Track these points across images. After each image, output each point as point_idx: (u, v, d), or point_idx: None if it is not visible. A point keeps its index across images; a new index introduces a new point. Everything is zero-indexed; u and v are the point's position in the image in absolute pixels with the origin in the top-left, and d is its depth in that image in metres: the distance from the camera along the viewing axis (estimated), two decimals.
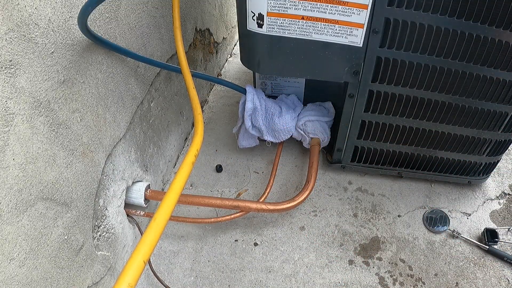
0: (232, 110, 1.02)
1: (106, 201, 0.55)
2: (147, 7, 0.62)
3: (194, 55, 0.93)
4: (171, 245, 0.70)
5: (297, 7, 0.53)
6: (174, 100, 0.81)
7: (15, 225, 0.37)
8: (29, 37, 0.37)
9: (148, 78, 0.66)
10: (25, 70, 0.37)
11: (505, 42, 0.50)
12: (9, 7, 0.34)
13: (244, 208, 0.64)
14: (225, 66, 1.26)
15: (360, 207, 0.75)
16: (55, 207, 0.43)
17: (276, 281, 0.64)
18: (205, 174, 0.84)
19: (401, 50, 0.54)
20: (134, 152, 0.63)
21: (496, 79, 0.55)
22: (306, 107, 0.77)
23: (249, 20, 0.57)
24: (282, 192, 0.79)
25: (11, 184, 0.36)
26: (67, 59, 0.43)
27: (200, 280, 0.65)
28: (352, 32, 0.54)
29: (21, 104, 0.37)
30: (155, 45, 0.67)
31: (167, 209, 0.35)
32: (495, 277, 0.63)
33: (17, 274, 0.38)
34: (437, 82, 0.57)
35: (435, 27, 0.51)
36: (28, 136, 0.38)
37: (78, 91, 0.46)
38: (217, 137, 0.93)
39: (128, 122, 0.60)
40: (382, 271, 0.65)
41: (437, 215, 0.72)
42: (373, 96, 0.62)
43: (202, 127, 0.49)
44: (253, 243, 0.70)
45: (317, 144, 0.75)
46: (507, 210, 0.74)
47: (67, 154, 0.44)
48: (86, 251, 0.50)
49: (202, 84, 1.02)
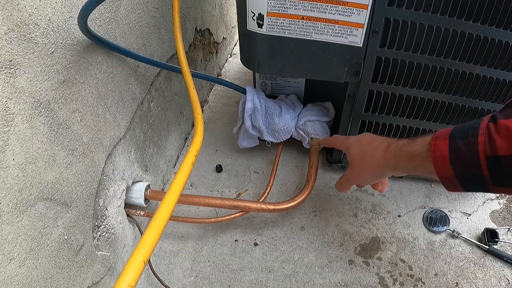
0: (232, 110, 1.02)
1: (106, 201, 0.55)
2: (147, 7, 0.62)
3: (194, 55, 0.93)
4: (171, 245, 0.70)
5: (297, 7, 0.53)
6: (174, 100, 0.81)
7: (15, 225, 0.37)
8: (29, 37, 0.37)
9: (148, 78, 0.66)
10: (25, 70, 0.37)
11: (505, 42, 0.50)
12: (9, 7, 0.34)
13: (244, 208, 0.64)
14: (225, 66, 1.26)
15: (360, 207, 0.75)
16: (55, 207, 0.43)
17: (276, 281, 0.64)
18: (205, 174, 0.84)
19: (401, 50, 0.54)
20: (134, 152, 0.63)
21: (496, 79, 0.55)
22: (306, 107, 0.77)
23: (249, 20, 0.57)
24: (282, 192, 0.79)
25: (11, 184, 0.36)
26: (67, 59, 0.43)
27: (200, 280, 0.65)
28: (352, 32, 0.54)
29: (21, 104, 0.37)
30: (155, 45, 0.67)
31: (167, 209, 0.35)
32: (495, 277, 0.63)
33: (17, 274, 0.38)
34: (437, 82, 0.57)
35: (435, 27, 0.51)
36: (28, 136, 0.38)
37: (78, 91, 0.46)
38: (217, 137, 0.93)
39: (128, 122, 0.60)
40: (382, 271, 0.65)
41: (437, 215, 0.72)
42: (373, 96, 0.62)
43: (202, 127, 0.49)
44: (253, 243, 0.70)
45: (317, 144, 0.75)
46: (507, 210, 0.74)
47: (67, 154, 0.44)
48: (86, 251, 0.50)
49: (202, 84, 1.02)
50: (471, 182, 0.36)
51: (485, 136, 0.33)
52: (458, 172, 0.36)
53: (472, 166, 0.34)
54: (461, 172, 0.35)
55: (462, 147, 0.35)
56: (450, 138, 0.36)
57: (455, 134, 0.36)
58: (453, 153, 0.36)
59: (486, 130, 0.33)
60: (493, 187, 0.34)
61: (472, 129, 0.34)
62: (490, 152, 0.32)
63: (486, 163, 0.33)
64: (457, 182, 0.36)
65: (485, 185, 0.34)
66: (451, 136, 0.36)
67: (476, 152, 0.33)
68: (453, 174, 0.36)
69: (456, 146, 0.35)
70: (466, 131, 0.35)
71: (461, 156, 0.35)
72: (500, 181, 0.33)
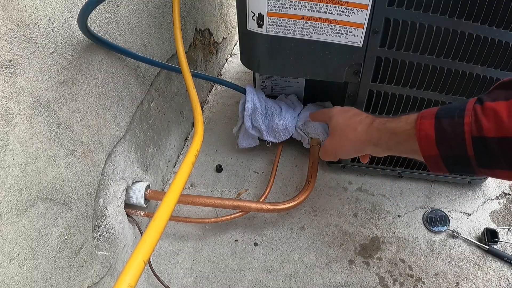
0: (232, 110, 1.02)
1: (106, 201, 0.55)
2: (147, 7, 0.62)
3: (194, 55, 0.93)
4: (171, 245, 0.70)
5: (297, 7, 0.53)
6: (174, 100, 0.81)
7: (15, 225, 0.37)
8: (29, 37, 0.37)
9: (148, 78, 0.66)
10: (25, 70, 0.37)
11: (505, 42, 0.50)
12: (9, 7, 0.34)
13: (244, 208, 0.64)
14: (225, 66, 1.26)
15: (360, 207, 0.75)
16: (55, 207, 0.43)
17: (276, 281, 0.64)
18: (205, 174, 0.84)
19: (401, 50, 0.54)
20: (134, 152, 0.63)
21: (496, 79, 0.55)
22: (306, 107, 0.77)
23: (249, 20, 0.57)
24: (282, 192, 0.79)
25: (11, 184, 0.36)
26: (67, 59, 0.43)
27: (200, 280, 0.65)
28: (352, 32, 0.54)
29: (21, 104, 0.37)
30: (155, 45, 0.67)
31: (167, 209, 0.35)
32: (495, 277, 0.63)
33: (17, 274, 0.38)
34: (437, 82, 0.57)
35: (435, 27, 0.51)
36: (28, 136, 0.38)
37: (78, 91, 0.46)
38: (217, 137, 0.93)
39: (128, 122, 0.60)
40: (382, 271, 0.65)
41: (437, 215, 0.72)
42: (373, 96, 0.62)
43: (202, 127, 0.48)
44: (253, 243, 0.70)
45: (317, 144, 0.75)
46: (507, 210, 0.74)
47: (67, 154, 0.44)
48: (86, 251, 0.50)
49: (202, 84, 1.02)
50: (455, 163, 0.36)
51: (471, 118, 0.33)
52: (442, 152, 0.36)
53: (457, 147, 0.34)
54: (445, 152, 0.36)
55: (447, 128, 0.35)
56: (436, 118, 0.37)
57: (441, 114, 0.37)
58: (439, 133, 0.36)
59: (472, 112, 0.34)
60: (477, 168, 0.35)
61: (458, 110, 0.35)
62: (476, 133, 0.33)
63: (472, 143, 0.33)
64: (440, 162, 0.37)
65: (469, 165, 0.35)
66: (437, 116, 0.37)
67: (462, 133, 0.34)
68: (438, 154, 0.36)
69: (442, 127, 0.36)
70: (452, 111, 0.35)
71: (446, 136, 0.35)
72: (485, 163, 0.34)
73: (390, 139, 0.43)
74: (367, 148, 0.48)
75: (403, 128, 0.41)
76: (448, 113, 0.36)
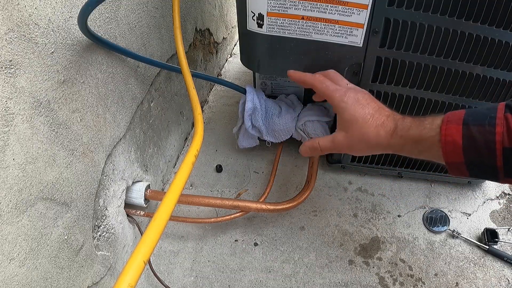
0: (232, 110, 1.02)
1: (106, 201, 0.55)
2: (147, 7, 0.62)
3: (194, 55, 0.93)
4: (171, 245, 0.70)
5: (297, 7, 0.53)
6: (174, 100, 0.81)
7: (15, 225, 0.37)
8: (29, 37, 0.37)
9: (148, 78, 0.66)
10: (25, 70, 0.37)
11: (505, 42, 0.50)
12: (9, 7, 0.34)
13: (244, 208, 0.64)
14: (225, 66, 1.26)
15: (360, 207, 0.75)
16: (55, 207, 0.43)
17: (276, 281, 0.64)
18: (205, 174, 0.84)
19: (401, 50, 0.54)
20: (134, 152, 0.63)
21: (496, 79, 0.55)
22: (306, 107, 0.77)
23: (249, 20, 0.57)
24: (282, 192, 0.79)
25: (11, 184, 0.36)
26: (67, 59, 0.43)
27: (200, 280, 0.65)
28: (352, 32, 0.54)
29: (21, 104, 0.37)
30: (155, 45, 0.67)
31: (167, 209, 0.35)
32: (495, 277, 0.63)
33: (17, 274, 0.38)
34: (437, 82, 0.57)
35: (435, 27, 0.51)
36: (28, 136, 0.38)
37: (78, 91, 0.46)
38: (217, 137, 0.93)
39: (128, 122, 0.60)
40: (382, 271, 0.65)
41: (437, 215, 0.72)
42: (373, 96, 0.62)
43: (202, 127, 0.48)
44: (253, 243, 0.70)
45: None
46: (507, 210, 0.74)
47: (67, 154, 0.44)
48: (86, 251, 0.50)
49: (202, 84, 1.02)
50: (481, 171, 0.35)
51: (503, 128, 0.33)
52: (469, 159, 0.35)
53: (486, 155, 0.34)
54: (472, 160, 0.35)
55: (477, 135, 0.34)
56: (464, 124, 0.36)
57: (469, 120, 0.36)
58: (467, 140, 0.35)
59: (504, 121, 0.33)
60: (503, 177, 0.34)
61: (489, 118, 0.34)
62: (508, 144, 0.32)
63: (502, 154, 0.33)
64: (464, 168, 0.36)
65: (496, 175, 0.34)
66: (464, 121, 0.36)
67: (492, 142, 0.33)
68: (463, 161, 0.36)
69: (471, 134, 0.35)
70: (482, 119, 0.35)
71: (475, 145, 0.35)
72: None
73: (413, 148, 0.42)
74: (386, 151, 0.47)
75: (427, 135, 0.40)
76: (477, 120, 0.35)
